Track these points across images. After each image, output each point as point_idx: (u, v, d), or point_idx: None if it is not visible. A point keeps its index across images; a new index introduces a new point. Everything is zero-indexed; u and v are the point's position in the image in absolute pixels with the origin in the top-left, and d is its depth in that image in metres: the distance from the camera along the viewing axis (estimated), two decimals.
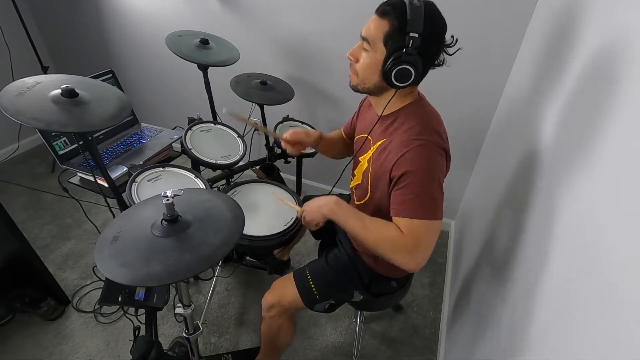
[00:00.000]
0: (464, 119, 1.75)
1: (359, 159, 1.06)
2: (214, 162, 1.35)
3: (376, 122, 0.98)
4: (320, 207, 0.96)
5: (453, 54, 0.86)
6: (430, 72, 0.90)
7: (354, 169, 1.11)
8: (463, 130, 1.76)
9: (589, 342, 0.52)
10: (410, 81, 0.82)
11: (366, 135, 1.02)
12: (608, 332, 0.48)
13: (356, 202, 1.12)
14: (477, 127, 1.77)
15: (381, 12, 0.82)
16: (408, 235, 0.84)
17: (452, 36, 0.85)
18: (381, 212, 1.02)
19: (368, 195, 1.02)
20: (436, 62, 0.87)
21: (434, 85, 1.07)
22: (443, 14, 0.83)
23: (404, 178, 0.85)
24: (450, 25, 0.84)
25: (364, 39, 0.85)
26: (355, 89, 0.94)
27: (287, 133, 1.14)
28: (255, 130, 2.28)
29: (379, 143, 0.96)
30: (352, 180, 1.12)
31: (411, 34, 0.77)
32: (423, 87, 0.98)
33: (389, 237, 0.86)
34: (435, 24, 0.80)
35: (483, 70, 1.61)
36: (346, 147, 1.28)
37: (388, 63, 0.81)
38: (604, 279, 0.52)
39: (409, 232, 0.84)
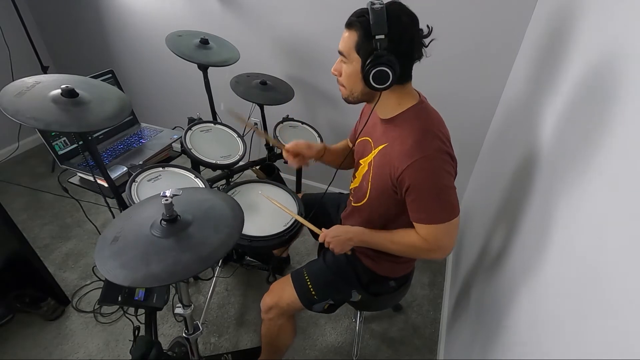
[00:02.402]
0: (464, 120, 1.74)
1: (360, 161, 1.06)
2: (214, 162, 1.35)
3: (365, 122, 0.98)
4: (348, 241, 1.02)
5: (427, 45, 0.86)
6: (431, 75, 0.89)
7: (355, 171, 1.11)
8: (463, 132, 1.75)
9: (587, 343, 0.52)
10: (390, 80, 0.82)
11: (367, 138, 1.03)
12: (606, 332, 0.48)
13: (353, 204, 1.12)
14: (476, 129, 1.77)
15: (348, 24, 0.85)
16: (429, 240, 0.92)
17: (428, 25, 0.85)
18: (376, 215, 1.03)
19: (366, 199, 1.02)
20: (416, 57, 0.86)
21: (434, 87, 1.07)
22: (443, 17, 0.83)
23: (412, 191, 0.87)
24: (450, 28, 0.84)
25: (340, 53, 0.88)
26: (347, 101, 0.96)
27: (289, 144, 1.12)
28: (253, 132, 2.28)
29: (380, 147, 0.95)
30: (352, 182, 1.12)
31: (377, 37, 0.79)
32: (423, 89, 0.98)
33: (413, 246, 0.95)
34: (400, 21, 0.80)
35: (482, 73, 1.61)
36: (350, 156, 1.25)
37: (364, 69, 0.83)
38: (602, 280, 0.52)
39: (430, 237, 0.92)
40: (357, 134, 1.17)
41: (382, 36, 0.78)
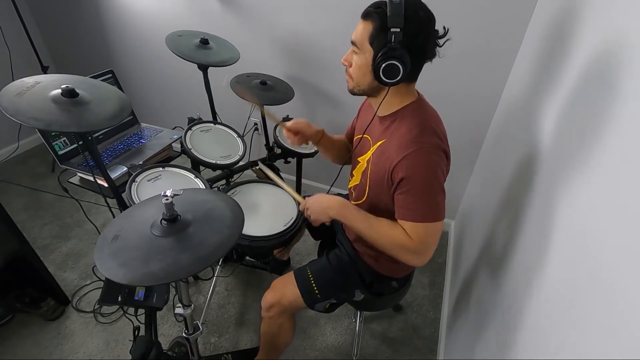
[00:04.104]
0: (464, 119, 1.74)
1: (358, 159, 1.06)
2: (213, 162, 1.35)
3: (370, 121, 0.98)
4: (327, 209, 1.00)
5: (442, 45, 0.86)
6: (431, 74, 0.89)
7: (352, 169, 1.11)
8: (463, 131, 1.76)
9: (588, 343, 0.52)
10: (400, 76, 0.81)
11: (365, 135, 1.02)
12: (607, 332, 0.48)
13: (353, 202, 1.12)
14: (477, 128, 1.77)
15: (365, 14, 0.84)
16: (414, 237, 0.89)
17: (444, 27, 0.85)
18: (377, 212, 1.03)
19: (365, 196, 1.02)
20: (428, 56, 0.86)
21: (435, 87, 1.07)
22: (443, 16, 0.83)
23: (404, 183, 0.87)
24: (450, 28, 0.84)
25: (353, 43, 0.88)
26: (352, 92, 0.95)
27: (289, 123, 1.13)
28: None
29: (379, 144, 0.96)
30: (350, 180, 1.12)
31: (392, 30, 0.78)
32: (423, 89, 0.98)
33: (395, 239, 0.91)
34: (417, 17, 0.80)
35: (483, 72, 1.61)
36: (348, 151, 1.25)
37: (376, 61, 0.82)
38: (603, 279, 0.52)
39: (414, 235, 0.89)
40: (354, 130, 1.17)
41: (398, 30, 0.78)
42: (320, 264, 1.17)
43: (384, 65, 0.81)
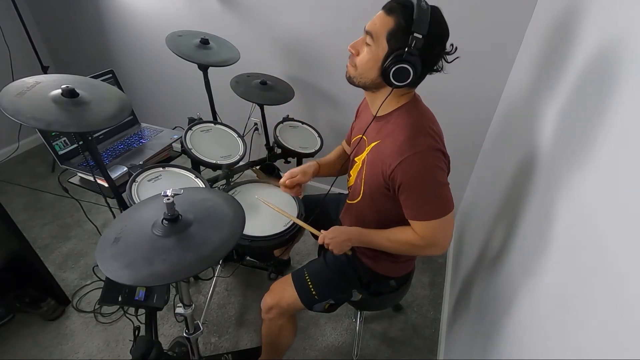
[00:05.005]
0: (464, 119, 1.75)
1: (355, 159, 1.06)
2: (214, 162, 1.35)
3: (370, 122, 0.98)
4: (347, 241, 1.02)
5: (451, 61, 0.87)
6: (431, 74, 0.90)
7: (349, 169, 1.11)
8: (463, 131, 1.76)
9: (588, 342, 0.52)
10: (407, 81, 0.82)
11: (361, 135, 1.03)
12: (607, 332, 0.48)
13: (348, 201, 1.12)
14: (477, 128, 1.78)
15: (388, 9, 0.82)
16: (425, 236, 0.92)
17: (452, 44, 0.86)
18: (369, 212, 1.03)
19: (360, 196, 1.03)
20: (435, 68, 0.87)
21: (435, 87, 1.07)
22: (444, 16, 0.83)
23: (404, 188, 0.87)
24: (451, 28, 0.84)
25: (367, 32, 0.85)
26: (350, 81, 0.93)
27: (284, 180, 1.16)
28: (252, 134, 2.28)
29: (373, 144, 0.96)
30: (348, 180, 1.12)
31: (415, 34, 0.77)
32: (423, 89, 0.98)
33: (410, 243, 0.95)
34: (439, 28, 0.81)
35: (483, 72, 1.62)
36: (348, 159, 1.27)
37: (388, 60, 0.81)
38: (603, 278, 0.52)
39: (425, 233, 0.92)
40: (352, 134, 1.17)
41: (420, 36, 0.77)
42: (317, 264, 1.17)
43: (396, 67, 0.80)
